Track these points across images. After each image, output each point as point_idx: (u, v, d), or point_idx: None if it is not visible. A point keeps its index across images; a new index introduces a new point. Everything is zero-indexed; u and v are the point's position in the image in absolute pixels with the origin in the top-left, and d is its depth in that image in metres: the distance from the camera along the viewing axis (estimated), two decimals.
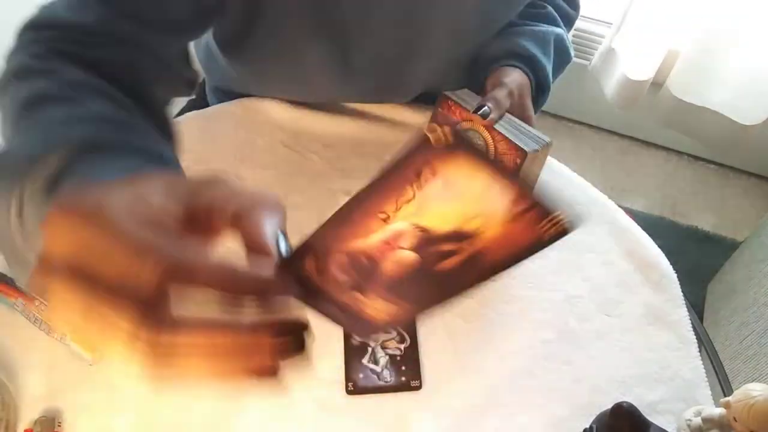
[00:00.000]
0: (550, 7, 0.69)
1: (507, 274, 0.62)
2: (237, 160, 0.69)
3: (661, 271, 0.64)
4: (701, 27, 1.29)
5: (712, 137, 1.47)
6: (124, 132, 0.39)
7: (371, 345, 0.59)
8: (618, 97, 1.48)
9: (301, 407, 0.56)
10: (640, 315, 0.61)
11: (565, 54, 0.69)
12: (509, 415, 0.56)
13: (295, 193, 0.67)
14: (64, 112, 0.38)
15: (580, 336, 0.60)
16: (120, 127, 0.39)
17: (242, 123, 0.72)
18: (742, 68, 1.30)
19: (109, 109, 0.41)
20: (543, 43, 0.65)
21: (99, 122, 0.39)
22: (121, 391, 0.56)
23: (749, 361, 1.13)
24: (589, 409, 0.56)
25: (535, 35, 0.65)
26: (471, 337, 0.60)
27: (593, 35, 1.53)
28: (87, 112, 0.39)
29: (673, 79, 1.43)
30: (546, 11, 0.69)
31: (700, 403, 0.57)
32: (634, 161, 1.75)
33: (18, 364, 0.57)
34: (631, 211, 1.63)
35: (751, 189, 1.71)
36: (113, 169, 0.34)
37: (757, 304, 1.16)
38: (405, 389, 0.57)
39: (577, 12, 0.75)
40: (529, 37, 0.64)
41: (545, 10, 0.69)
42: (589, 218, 0.67)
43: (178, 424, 0.55)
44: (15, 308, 0.58)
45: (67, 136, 0.36)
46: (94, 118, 0.39)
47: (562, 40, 0.68)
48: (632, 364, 0.59)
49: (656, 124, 1.55)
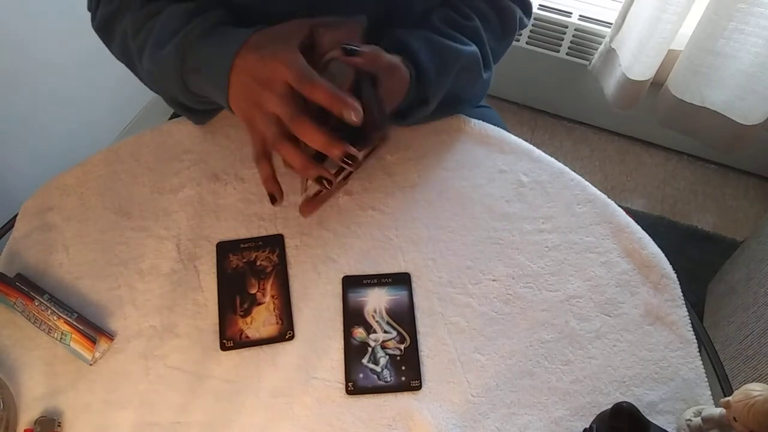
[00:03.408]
0: (477, 21, 0.67)
1: (507, 274, 0.63)
2: (237, 160, 0.69)
3: (661, 271, 0.64)
4: (701, 27, 1.29)
5: (712, 137, 1.47)
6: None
7: (371, 345, 0.59)
8: (618, 97, 1.48)
9: (301, 407, 0.56)
10: (640, 315, 0.61)
11: (473, 71, 0.67)
12: (509, 415, 0.56)
13: (295, 193, 0.67)
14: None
15: (580, 336, 0.60)
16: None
17: (242, 123, 0.72)
18: (742, 68, 1.30)
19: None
20: (444, 62, 0.63)
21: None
22: (121, 391, 0.56)
23: (749, 361, 1.13)
24: (589, 409, 0.57)
25: (440, 52, 0.63)
26: (471, 337, 0.60)
27: (593, 35, 1.53)
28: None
29: (673, 79, 1.43)
30: (472, 24, 0.67)
31: (700, 403, 0.57)
32: (634, 161, 1.75)
33: (18, 364, 0.57)
34: (631, 211, 1.63)
35: (751, 189, 1.71)
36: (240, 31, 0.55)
37: (757, 304, 1.16)
38: (405, 389, 0.57)
39: (527, 16, 0.74)
40: (430, 50, 0.62)
41: (472, 23, 0.67)
42: (589, 218, 0.67)
43: (178, 424, 0.55)
44: (15, 308, 0.58)
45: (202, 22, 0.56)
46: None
47: (474, 59, 0.66)
48: (632, 364, 0.59)
49: (656, 124, 1.55)
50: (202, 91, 0.59)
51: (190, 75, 0.57)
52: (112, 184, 0.68)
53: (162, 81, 0.60)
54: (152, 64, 0.58)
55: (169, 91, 0.63)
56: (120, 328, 0.59)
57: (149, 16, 0.60)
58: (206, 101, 0.62)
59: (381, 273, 0.63)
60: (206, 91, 0.58)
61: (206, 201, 0.67)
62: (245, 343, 0.59)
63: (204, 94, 0.59)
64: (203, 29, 0.56)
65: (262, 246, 0.64)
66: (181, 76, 0.57)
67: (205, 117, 0.70)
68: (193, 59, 0.56)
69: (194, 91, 0.59)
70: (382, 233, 0.65)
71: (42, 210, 0.66)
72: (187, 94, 0.60)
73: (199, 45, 0.55)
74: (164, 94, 0.65)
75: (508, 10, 0.71)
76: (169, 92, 0.63)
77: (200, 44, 0.55)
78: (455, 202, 0.68)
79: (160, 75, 0.59)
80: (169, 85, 0.60)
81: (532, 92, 1.79)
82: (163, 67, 0.57)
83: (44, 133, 1.30)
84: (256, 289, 0.62)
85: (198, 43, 0.55)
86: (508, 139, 0.72)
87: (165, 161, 0.69)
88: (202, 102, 0.62)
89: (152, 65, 0.59)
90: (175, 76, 0.57)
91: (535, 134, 1.80)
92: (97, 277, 0.62)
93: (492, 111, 0.91)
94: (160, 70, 0.58)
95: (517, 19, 0.73)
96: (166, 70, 0.57)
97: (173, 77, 0.57)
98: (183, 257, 0.63)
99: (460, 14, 0.67)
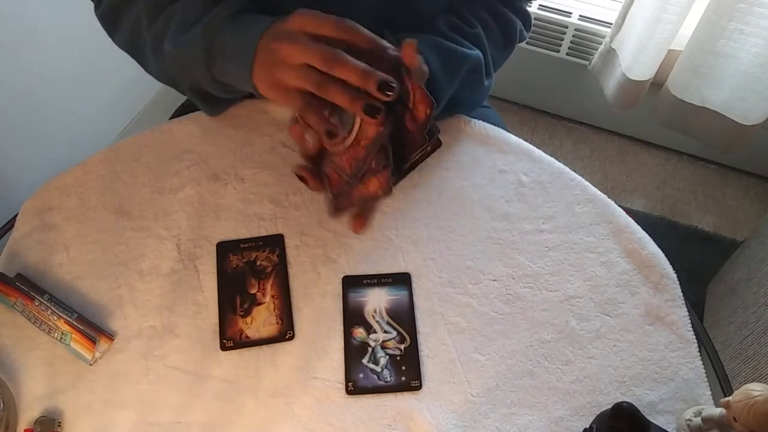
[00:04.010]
0: (480, 29, 0.68)
1: (507, 274, 0.63)
2: (237, 160, 0.69)
3: (661, 271, 0.64)
4: (701, 27, 1.29)
5: (712, 137, 1.47)
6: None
7: (371, 345, 0.59)
8: (618, 97, 1.48)
9: (301, 407, 0.56)
10: (640, 315, 0.61)
11: (477, 76, 0.68)
12: (509, 415, 0.56)
13: (295, 193, 0.67)
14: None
15: (580, 336, 0.60)
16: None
17: (242, 123, 0.72)
18: (742, 68, 1.30)
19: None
20: (451, 65, 0.64)
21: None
22: (121, 391, 0.56)
23: (749, 361, 1.13)
24: (589, 409, 0.57)
25: (447, 55, 0.63)
26: (471, 337, 0.60)
27: (593, 35, 1.53)
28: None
29: (673, 79, 1.43)
30: (475, 32, 0.68)
31: (700, 403, 0.57)
32: (634, 161, 1.75)
33: (18, 364, 0.57)
34: (631, 211, 1.63)
35: (751, 189, 1.71)
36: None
37: (757, 304, 1.16)
38: (405, 389, 0.57)
39: (527, 29, 0.75)
40: (437, 53, 0.63)
41: (475, 30, 0.68)
42: (589, 218, 0.67)
43: (178, 424, 0.55)
44: (15, 308, 0.58)
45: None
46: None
47: (479, 64, 0.67)
48: (632, 364, 0.59)
49: (656, 124, 1.55)
50: (225, 75, 0.58)
51: (216, 58, 0.57)
52: (112, 184, 0.68)
53: (184, 65, 0.60)
54: (175, 49, 0.58)
55: (188, 77, 0.62)
56: (120, 328, 0.59)
57: (165, 5, 0.60)
58: (226, 88, 0.61)
59: (381, 273, 0.63)
60: (230, 73, 0.57)
61: (206, 201, 0.67)
62: (245, 343, 0.59)
63: (227, 78, 0.59)
64: (228, 14, 0.56)
65: (262, 246, 0.64)
66: (206, 60, 0.57)
67: (219, 107, 0.70)
68: (220, 41, 0.56)
69: (217, 76, 0.59)
70: (382, 233, 0.65)
71: (42, 210, 0.66)
72: (208, 78, 0.59)
73: (225, 27, 0.56)
74: (181, 80, 0.64)
75: (510, 22, 0.72)
76: (189, 78, 0.62)
77: (226, 27, 0.56)
78: (455, 202, 0.68)
79: (183, 59, 0.59)
80: (191, 69, 0.59)
81: (532, 92, 1.80)
82: (188, 50, 0.57)
83: (44, 133, 1.30)
84: (256, 289, 0.62)
85: (224, 27, 0.56)
86: (509, 139, 0.72)
87: (165, 161, 0.69)
88: (221, 88, 0.61)
89: (175, 49, 0.58)
90: (199, 60, 0.57)
91: (535, 134, 1.80)
92: (97, 277, 0.62)
93: (492, 111, 0.91)
94: (183, 54, 0.58)
95: (518, 31, 0.74)
96: (191, 52, 0.57)
97: (198, 60, 0.57)
98: (183, 257, 0.63)
99: (464, 22, 0.68)
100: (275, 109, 0.73)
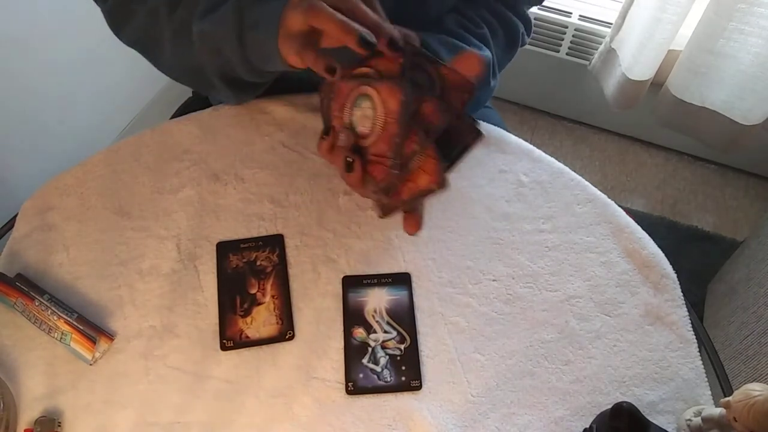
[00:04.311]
0: (486, 30, 0.69)
1: (507, 274, 0.63)
2: (237, 160, 0.69)
3: (661, 271, 0.64)
4: (701, 27, 1.29)
5: (712, 137, 1.47)
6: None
7: (371, 345, 0.59)
8: (618, 97, 1.48)
9: (301, 407, 0.56)
10: (640, 315, 0.61)
11: (486, 74, 0.68)
12: (509, 415, 0.56)
13: (295, 193, 0.67)
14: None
15: (580, 336, 0.60)
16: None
17: (242, 123, 0.72)
18: (742, 68, 1.30)
19: None
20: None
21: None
22: (121, 391, 0.56)
23: (749, 361, 1.13)
24: (589, 409, 0.57)
25: (458, 52, 0.63)
26: (471, 337, 0.60)
27: (593, 35, 1.53)
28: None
29: (673, 79, 1.43)
30: (481, 32, 0.68)
31: (700, 403, 0.57)
32: (634, 161, 1.75)
33: (18, 364, 0.57)
34: (631, 211, 1.63)
35: (751, 189, 1.71)
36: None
37: (757, 304, 1.16)
38: (405, 389, 0.57)
39: (528, 33, 0.75)
40: (449, 51, 0.63)
41: (482, 30, 0.68)
42: (589, 218, 0.67)
43: (178, 424, 0.55)
44: (15, 308, 0.58)
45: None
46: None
47: (487, 62, 0.68)
48: (632, 364, 0.59)
49: (656, 124, 1.55)
50: (256, 50, 0.58)
51: (248, 33, 0.57)
52: (112, 184, 0.68)
53: (216, 44, 0.59)
54: (205, 29, 0.58)
55: (218, 60, 0.61)
56: (120, 328, 0.59)
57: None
58: (255, 69, 0.60)
59: (381, 273, 0.63)
60: (261, 45, 0.56)
61: (206, 201, 0.67)
62: (245, 343, 0.59)
63: (258, 53, 0.58)
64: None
65: (262, 246, 0.64)
66: (238, 36, 0.57)
67: (247, 94, 0.67)
68: (250, 16, 0.56)
69: (248, 54, 0.58)
70: (382, 233, 0.65)
71: (42, 210, 0.66)
72: (239, 56, 0.58)
73: (254, 3, 0.56)
74: (209, 66, 0.63)
75: (513, 24, 0.73)
76: (219, 62, 0.61)
77: (256, 3, 0.56)
78: (455, 202, 0.68)
79: (215, 38, 0.59)
80: (223, 49, 0.59)
81: (532, 92, 1.79)
82: (220, 28, 0.57)
83: (44, 133, 1.30)
84: (256, 289, 0.62)
85: (254, 3, 0.56)
86: (509, 139, 0.72)
87: (165, 161, 0.69)
88: (251, 68, 0.60)
89: (205, 31, 0.58)
90: (231, 37, 0.57)
91: (535, 134, 1.80)
92: (97, 277, 0.62)
93: (492, 111, 0.91)
94: (215, 34, 0.58)
95: (520, 35, 0.74)
96: (223, 30, 0.57)
97: (229, 38, 0.57)
98: (183, 257, 0.63)
99: (470, 22, 0.68)
100: (275, 109, 0.73)
